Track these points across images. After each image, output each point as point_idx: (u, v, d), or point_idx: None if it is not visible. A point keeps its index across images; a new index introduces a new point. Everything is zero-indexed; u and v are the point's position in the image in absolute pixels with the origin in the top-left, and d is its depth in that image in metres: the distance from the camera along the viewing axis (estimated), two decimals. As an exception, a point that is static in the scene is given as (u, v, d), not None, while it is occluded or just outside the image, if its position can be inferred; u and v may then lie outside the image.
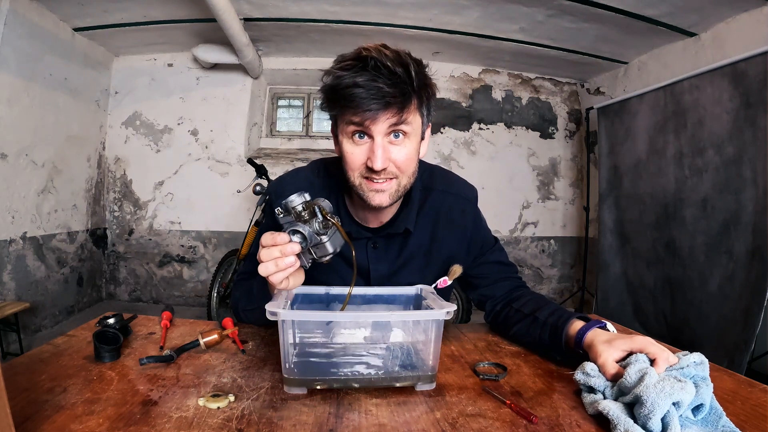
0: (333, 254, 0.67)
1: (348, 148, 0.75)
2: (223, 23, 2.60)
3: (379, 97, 0.67)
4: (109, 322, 0.75)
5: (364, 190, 0.76)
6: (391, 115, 0.70)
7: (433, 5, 2.67)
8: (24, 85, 2.62)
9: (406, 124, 0.72)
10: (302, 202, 0.65)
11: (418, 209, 0.87)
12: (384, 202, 0.77)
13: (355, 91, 0.67)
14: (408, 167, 0.76)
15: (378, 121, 0.70)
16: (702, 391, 0.54)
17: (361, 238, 0.86)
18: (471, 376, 0.69)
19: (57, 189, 2.99)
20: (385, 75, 0.67)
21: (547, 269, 4.04)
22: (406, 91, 0.70)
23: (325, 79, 0.72)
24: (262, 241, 0.65)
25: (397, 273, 0.88)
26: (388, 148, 0.73)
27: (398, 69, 0.68)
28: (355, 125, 0.71)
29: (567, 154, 4.02)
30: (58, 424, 0.51)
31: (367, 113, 0.69)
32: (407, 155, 0.75)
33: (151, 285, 3.67)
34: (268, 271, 0.64)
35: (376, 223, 0.87)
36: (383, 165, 0.72)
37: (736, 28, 2.50)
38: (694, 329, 2.42)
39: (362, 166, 0.75)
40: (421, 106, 0.75)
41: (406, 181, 0.78)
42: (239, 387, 0.62)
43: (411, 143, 0.75)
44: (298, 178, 0.90)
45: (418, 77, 0.71)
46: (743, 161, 2.16)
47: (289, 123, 3.99)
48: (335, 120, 0.77)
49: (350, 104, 0.69)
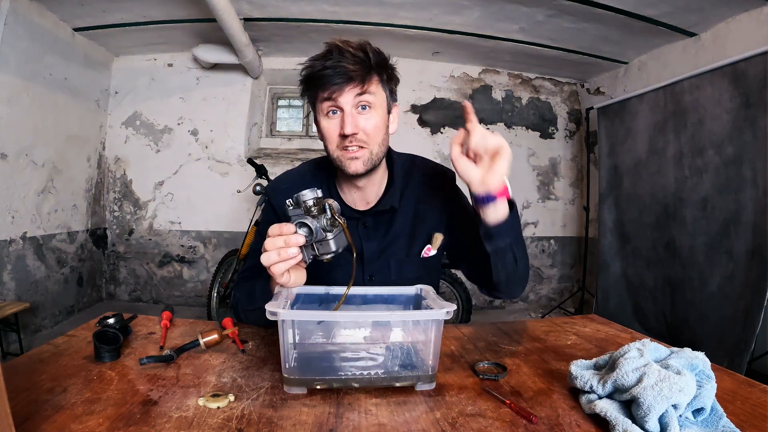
0: (335, 253, 0.68)
1: (324, 123, 0.86)
2: (223, 23, 2.60)
3: (342, 73, 0.80)
4: (109, 322, 0.75)
5: (342, 160, 0.86)
6: (353, 86, 0.81)
7: (433, 5, 2.67)
8: (24, 85, 2.62)
9: (370, 95, 0.83)
10: (314, 197, 0.68)
11: (401, 190, 0.97)
12: (359, 168, 0.85)
13: (324, 72, 0.80)
14: (376, 135, 0.86)
15: (344, 92, 0.81)
16: (704, 392, 0.53)
17: (353, 218, 0.94)
18: (471, 376, 0.69)
19: (57, 189, 2.99)
20: (348, 57, 0.80)
21: (547, 269, 4.04)
22: (366, 66, 0.82)
23: (302, 73, 0.86)
24: (270, 231, 0.68)
25: (386, 250, 0.96)
26: (356, 116, 0.83)
27: (359, 52, 0.81)
28: (327, 101, 0.83)
29: (567, 154, 4.02)
30: (58, 424, 0.51)
31: (334, 86, 0.80)
32: (374, 124, 0.85)
33: (151, 285, 3.67)
34: (270, 260, 0.66)
35: (363, 205, 0.96)
36: (353, 130, 0.82)
37: (736, 28, 2.50)
38: (694, 329, 2.42)
39: (338, 138, 0.84)
40: (382, 82, 0.86)
41: (377, 150, 0.87)
42: (239, 387, 0.62)
43: (377, 114, 0.85)
44: (291, 174, 1.01)
45: (376, 56, 0.83)
46: (743, 161, 2.16)
47: (289, 123, 3.99)
48: (313, 106, 0.88)
49: (321, 82, 0.81)
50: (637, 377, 0.54)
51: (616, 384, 0.56)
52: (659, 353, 0.61)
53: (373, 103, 0.84)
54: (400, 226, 0.96)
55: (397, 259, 0.95)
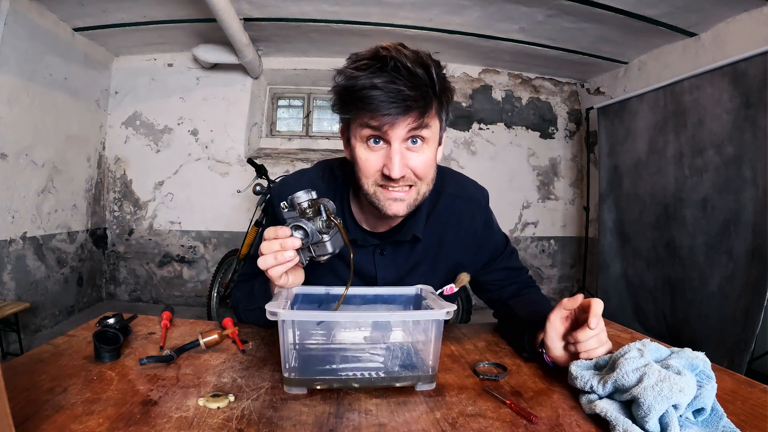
0: (331, 255, 0.67)
1: (362, 153, 0.70)
2: (223, 23, 2.60)
3: (399, 100, 0.63)
4: (109, 322, 0.75)
5: (380, 198, 0.72)
6: (411, 120, 0.65)
7: (433, 5, 2.67)
8: (24, 85, 2.62)
9: (427, 130, 0.68)
10: (308, 199, 0.66)
11: (427, 214, 0.83)
12: (401, 211, 0.73)
13: (373, 93, 0.63)
14: (427, 174, 0.72)
15: (397, 126, 0.65)
16: (705, 393, 0.53)
17: (368, 245, 0.83)
18: (471, 376, 0.69)
19: (57, 189, 2.99)
20: (405, 77, 0.63)
21: (547, 269, 4.04)
22: (427, 94, 0.65)
23: (338, 79, 0.67)
24: (265, 234, 0.66)
25: (404, 279, 0.86)
26: (405, 154, 0.69)
27: (419, 70, 0.64)
28: (372, 129, 0.67)
29: (567, 154, 4.02)
30: (58, 424, 0.51)
31: (386, 117, 0.64)
32: (426, 162, 0.70)
33: (151, 285, 3.67)
34: (267, 264, 0.64)
35: (383, 227, 0.84)
36: (401, 173, 0.68)
37: (736, 28, 2.50)
38: (694, 329, 2.42)
39: (377, 174, 0.70)
40: (440, 111, 0.71)
41: (425, 189, 0.74)
42: (239, 387, 0.62)
43: (430, 149, 0.71)
44: (302, 180, 0.87)
45: (440, 80, 0.66)
46: (743, 161, 2.16)
47: (289, 123, 3.99)
48: (347, 122, 0.72)
49: (367, 107, 0.64)
50: (637, 377, 0.54)
51: (616, 384, 0.56)
52: (660, 353, 0.61)
53: (427, 138, 0.69)
54: (421, 256, 0.85)
55: None
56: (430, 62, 0.66)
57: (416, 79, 0.63)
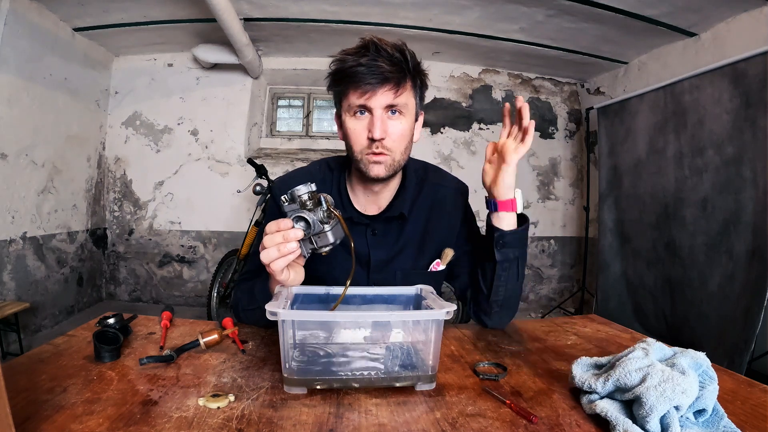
0: (333, 245, 0.69)
1: (351, 124, 0.83)
2: (223, 23, 2.60)
3: (378, 73, 0.77)
4: (109, 322, 0.75)
5: (365, 163, 0.84)
6: (388, 89, 0.78)
7: (433, 5, 2.67)
8: (24, 85, 2.62)
9: (402, 101, 0.81)
10: (308, 191, 0.68)
11: (413, 199, 0.94)
12: (381, 173, 0.84)
13: (358, 69, 0.77)
14: (401, 143, 0.84)
15: (377, 94, 0.78)
16: (706, 393, 0.53)
17: (361, 223, 0.92)
18: (471, 376, 0.69)
19: (57, 189, 2.99)
20: (385, 57, 0.77)
21: (547, 269, 4.04)
22: (402, 70, 0.79)
23: (332, 66, 0.82)
24: (267, 228, 0.68)
25: (394, 259, 0.94)
26: (386, 121, 0.81)
27: (396, 53, 0.79)
28: (357, 100, 0.79)
29: (567, 154, 4.02)
30: (58, 424, 0.51)
31: (367, 86, 0.77)
32: (402, 131, 0.83)
33: (151, 285, 3.67)
34: (270, 257, 0.66)
35: (374, 209, 0.94)
36: (381, 135, 0.80)
37: (736, 28, 2.50)
38: (694, 329, 2.42)
39: (365, 140, 0.82)
40: (414, 88, 0.84)
41: (399, 157, 0.85)
42: (239, 387, 0.62)
43: (406, 121, 0.83)
44: (300, 173, 0.98)
45: (413, 61, 0.81)
46: (743, 161, 2.16)
47: (289, 123, 3.99)
48: (339, 102, 0.84)
49: (353, 80, 0.78)
50: (640, 377, 0.54)
51: (617, 383, 0.56)
52: (664, 353, 0.61)
53: (404, 108, 0.82)
54: (410, 236, 0.94)
55: (403, 271, 0.94)
56: (406, 49, 0.81)
57: (393, 59, 0.78)
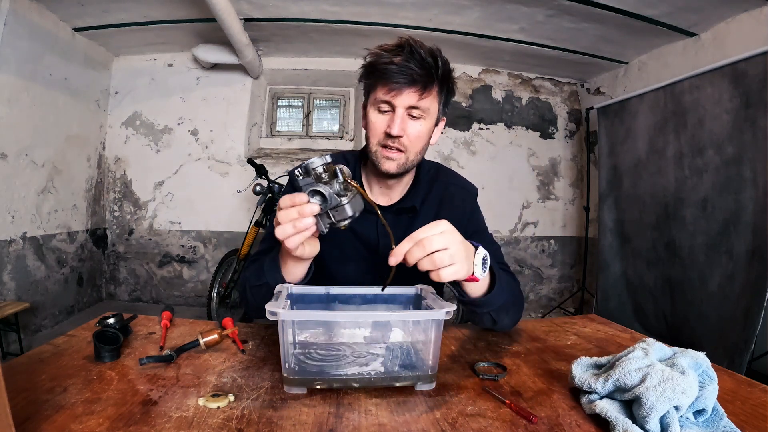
0: (352, 218, 0.66)
1: (373, 117, 0.86)
2: (223, 23, 2.60)
3: (407, 74, 0.79)
4: (109, 322, 0.75)
5: (379, 156, 0.87)
6: (413, 90, 0.81)
7: (433, 5, 2.67)
8: (24, 85, 2.62)
9: (425, 105, 0.83)
10: (323, 163, 0.65)
11: (425, 194, 0.97)
12: (392, 168, 0.87)
13: (389, 67, 0.80)
14: (417, 143, 0.86)
15: (402, 93, 0.81)
16: (706, 393, 0.53)
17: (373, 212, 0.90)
18: (471, 376, 0.69)
19: (57, 189, 2.99)
20: (417, 59, 0.79)
21: (547, 269, 4.04)
22: (431, 75, 0.81)
23: (367, 59, 0.85)
24: (281, 203, 0.65)
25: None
26: (406, 120, 0.84)
27: (428, 58, 0.80)
28: (383, 96, 0.82)
29: (567, 154, 4.02)
30: (58, 424, 0.51)
31: (395, 85, 0.80)
32: (420, 132, 0.85)
33: (151, 285, 3.67)
34: (285, 233, 0.64)
35: (386, 201, 0.97)
36: (399, 132, 0.82)
37: (736, 28, 2.50)
38: (694, 329, 2.42)
39: (382, 134, 0.85)
40: (440, 94, 0.86)
41: (413, 157, 0.88)
42: (239, 387, 0.62)
43: (426, 123, 0.86)
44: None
45: (444, 68, 0.83)
46: (743, 161, 2.16)
47: (289, 123, 3.99)
48: (367, 93, 0.88)
49: (383, 76, 0.81)
50: (640, 377, 0.54)
51: (617, 383, 0.56)
52: (664, 353, 0.61)
53: (425, 112, 0.84)
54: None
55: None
56: (439, 56, 0.82)
57: (424, 63, 0.80)
